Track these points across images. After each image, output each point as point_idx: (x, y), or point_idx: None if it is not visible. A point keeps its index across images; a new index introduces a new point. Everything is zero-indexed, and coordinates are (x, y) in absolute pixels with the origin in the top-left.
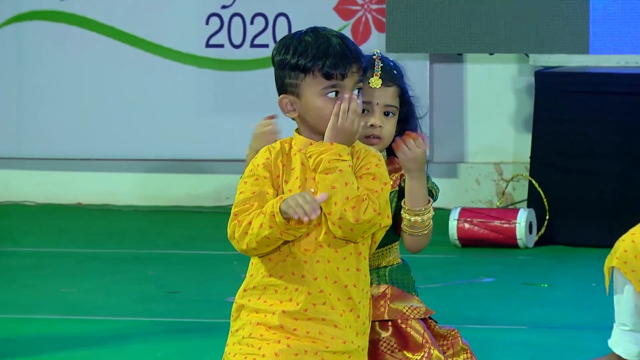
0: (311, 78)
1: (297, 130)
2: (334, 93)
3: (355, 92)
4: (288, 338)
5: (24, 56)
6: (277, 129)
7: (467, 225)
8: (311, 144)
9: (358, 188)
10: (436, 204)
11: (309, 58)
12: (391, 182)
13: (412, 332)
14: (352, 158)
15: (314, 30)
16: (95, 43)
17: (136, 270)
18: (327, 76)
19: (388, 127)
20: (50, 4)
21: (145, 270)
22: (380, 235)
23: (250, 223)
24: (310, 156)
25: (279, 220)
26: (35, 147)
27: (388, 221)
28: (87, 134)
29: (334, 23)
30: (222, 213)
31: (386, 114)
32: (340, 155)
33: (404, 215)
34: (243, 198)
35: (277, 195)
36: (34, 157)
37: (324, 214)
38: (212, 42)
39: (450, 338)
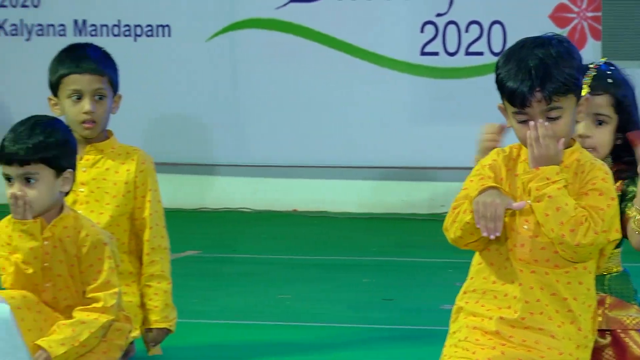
0: (505, 98)
1: None
2: (523, 116)
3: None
4: (503, 345)
5: (239, 64)
6: (497, 143)
7: None
8: None
9: (576, 208)
10: None
11: (499, 78)
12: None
13: (631, 344)
14: (577, 173)
15: (523, 46)
16: (309, 51)
17: (351, 277)
18: (511, 103)
19: (599, 135)
20: (265, 12)
21: (360, 277)
22: (610, 249)
23: (459, 212)
24: (523, 182)
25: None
26: (252, 155)
27: (617, 235)
28: (302, 141)
29: (550, 31)
30: (436, 220)
31: (598, 122)
32: (548, 179)
33: (634, 214)
34: (465, 194)
35: None
36: (251, 165)
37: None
38: (426, 49)
39: None
